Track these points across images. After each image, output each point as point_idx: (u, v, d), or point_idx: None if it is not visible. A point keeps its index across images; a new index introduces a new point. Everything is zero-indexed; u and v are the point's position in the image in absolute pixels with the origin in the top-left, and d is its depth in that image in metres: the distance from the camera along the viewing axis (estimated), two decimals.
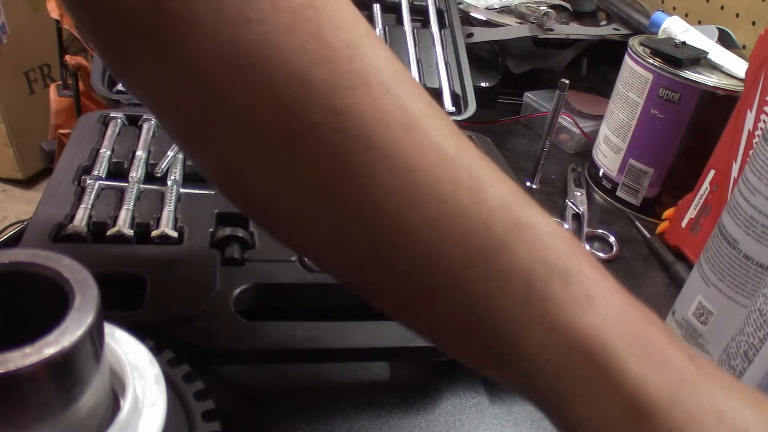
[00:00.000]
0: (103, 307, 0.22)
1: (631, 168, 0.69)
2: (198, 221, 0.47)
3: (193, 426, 0.27)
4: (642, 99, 0.65)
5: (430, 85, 0.74)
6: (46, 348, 0.19)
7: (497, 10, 0.93)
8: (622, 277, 0.59)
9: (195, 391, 0.28)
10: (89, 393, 0.22)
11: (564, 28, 0.90)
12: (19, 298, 0.23)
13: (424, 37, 0.78)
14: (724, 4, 0.95)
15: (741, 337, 0.35)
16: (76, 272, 0.22)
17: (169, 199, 0.49)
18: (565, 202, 0.70)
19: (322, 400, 0.41)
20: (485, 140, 0.68)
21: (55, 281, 0.22)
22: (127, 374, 0.24)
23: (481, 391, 0.44)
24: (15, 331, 0.21)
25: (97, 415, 0.23)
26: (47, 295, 0.22)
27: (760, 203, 0.41)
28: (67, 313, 0.20)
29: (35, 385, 0.19)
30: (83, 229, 0.45)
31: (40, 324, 0.20)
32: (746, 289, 0.43)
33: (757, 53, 0.53)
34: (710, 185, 0.58)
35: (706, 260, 0.46)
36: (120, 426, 0.23)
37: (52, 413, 0.20)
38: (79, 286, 0.21)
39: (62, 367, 0.20)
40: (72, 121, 0.92)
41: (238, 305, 0.41)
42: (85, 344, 0.20)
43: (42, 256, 0.22)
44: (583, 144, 0.82)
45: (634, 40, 0.69)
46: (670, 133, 0.65)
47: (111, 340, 0.25)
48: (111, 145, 0.55)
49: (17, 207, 2.02)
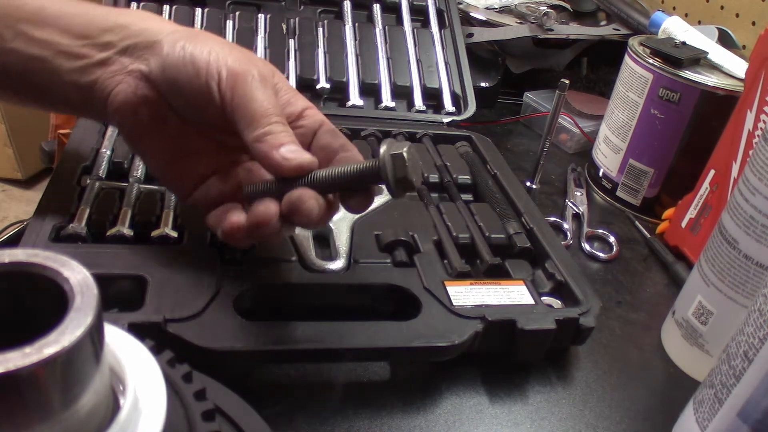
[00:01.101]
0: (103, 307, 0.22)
1: (631, 168, 0.69)
2: (198, 221, 0.47)
3: (193, 426, 0.27)
4: (642, 99, 0.65)
5: (430, 85, 0.75)
6: (46, 348, 0.19)
7: (497, 10, 0.93)
8: (622, 277, 0.60)
9: (194, 391, 0.28)
10: (89, 393, 0.21)
11: (564, 28, 0.90)
12: (19, 298, 0.23)
13: (424, 37, 0.78)
14: (724, 4, 0.95)
15: (741, 337, 0.35)
16: (76, 272, 0.22)
17: (169, 199, 0.49)
18: (565, 202, 0.70)
19: (322, 400, 0.41)
20: (485, 140, 0.69)
21: (55, 281, 0.22)
22: (127, 374, 0.24)
23: (481, 391, 0.44)
24: (15, 331, 0.21)
25: (97, 415, 0.23)
26: (47, 295, 0.22)
27: (760, 203, 0.41)
28: (67, 313, 0.20)
29: (35, 385, 0.19)
30: (83, 229, 0.45)
31: (40, 324, 0.20)
32: (746, 289, 0.43)
33: (757, 53, 0.53)
34: (710, 185, 0.58)
35: (706, 260, 0.46)
36: (120, 426, 0.23)
37: (52, 413, 0.20)
38: (79, 286, 0.21)
39: (62, 367, 0.20)
40: (72, 121, 0.92)
41: (238, 305, 0.41)
42: (85, 344, 0.20)
43: (42, 256, 0.22)
44: (583, 144, 0.82)
45: (634, 40, 0.69)
46: (670, 133, 0.65)
47: (111, 340, 0.25)
48: (111, 145, 0.55)
49: (17, 207, 2.02)
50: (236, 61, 0.39)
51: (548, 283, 0.49)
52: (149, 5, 0.71)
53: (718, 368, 0.37)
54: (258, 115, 0.38)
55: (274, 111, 0.38)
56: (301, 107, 0.42)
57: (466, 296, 0.45)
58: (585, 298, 0.46)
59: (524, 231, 0.54)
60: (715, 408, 0.36)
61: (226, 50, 0.39)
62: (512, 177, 0.61)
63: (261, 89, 0.38)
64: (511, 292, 0.46)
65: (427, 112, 0.73)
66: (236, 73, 0.38)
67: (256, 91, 0.38)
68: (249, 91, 0.38)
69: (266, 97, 0.38)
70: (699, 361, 0.47)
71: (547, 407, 0.44)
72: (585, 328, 0.45)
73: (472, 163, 0.64)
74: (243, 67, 0.38)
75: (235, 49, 0.40)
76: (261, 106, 0.38)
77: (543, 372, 0.47)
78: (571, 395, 0.45)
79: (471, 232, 0.52)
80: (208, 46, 0.39)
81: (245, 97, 0.38)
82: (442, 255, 0.50)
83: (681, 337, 0.49)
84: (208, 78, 0.38)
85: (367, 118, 0.70)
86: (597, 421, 0.43)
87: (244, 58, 0.40)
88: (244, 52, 0.41)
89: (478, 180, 0.61)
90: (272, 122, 0.37)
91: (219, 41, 0.41)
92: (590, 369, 0.48)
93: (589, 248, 0.63)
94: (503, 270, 0.50)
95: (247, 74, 0.38)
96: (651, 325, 0.54)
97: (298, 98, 0.42)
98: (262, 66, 0.40)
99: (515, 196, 0.58)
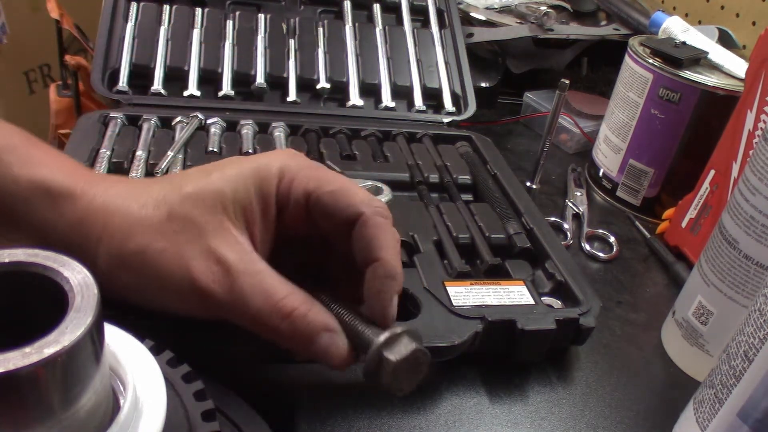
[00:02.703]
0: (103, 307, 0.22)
1: (631, 168, 0.69)
2: None
3: (193, 426, 0.27)
4: (642, 99, 0.65)
5: (430, 85, 0.75)
6: (46, 348, 0.19)
7: (497, 10, 0.93)
8: (622, 277, 0.60)
9: (194, 391, 0.28)
10: (89, 393, 0.22)
11: (564, 28, 0.90)
12: (19, 298, 0.23)
13: (424, 37, 0.78)
14: (724, 4, 0.95)
15: (741, 337, 0.35)
16: (76, 272, 0.22)
17: None
18: (565, 202, 0.70)
19: (322, 400, 0.41)
20: (485, 140, 0.68)
21: (55, 281, 0.22)
22: (127, 374, 0.24)
23: (481, 391, 0.44)
24: (15, 331, 0.21)
25: (97, 415, 0.23)
26: (47, 295, 0.22)
27: (760, 203, 0.41)
28: (67, 313, 0.20)
29: (35, 385, 0.19)
30: None
31: (40, 324, 0.20)
32: (746, 289, 0.43)
33: (757, 53, 0.53)
34: (710, 185, 0.58)
35: (706, 260, 0.46)
36: (120, 426, 0.23)
37: (52, 413, 0.20)
38: (79, 286, 0.21)
39: (62, 367, 0.20)
40: (72, 121, 0.92)
41: None
42: (85, 344, 0.20)
43: (42, 256, 0.22)
44: (583, 144, 0.82)
45: (634, 40, 0.69)
46: (670, 133, 0.65)
47: (111, 340, 0.25)
48: (111, 145, 0.55)
49: None
50: (175, 266, 0.31)
51: (548, 283, 0.49)
52: (149, 5, 0.71)
53: (718, 368, 0.37)
54: (257, 320, 0.32)
55: (264, 300, 0.31)
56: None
57: (466, 296, 0.45)
58: (585, 298, 0.46)
59: (524, 231, 0.54)
60: (716, 408, 0.36)
61: (157, 256, 0.31)
62: (512, 177, 0.61)
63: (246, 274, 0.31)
64: (511, 292, 0.46)
65: (427, 112, 0.73)
66: (198, 292, 0.31)
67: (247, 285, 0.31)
68: (243, 289, 0.31)
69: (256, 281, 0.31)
70: (699, 361, 0.47)
71: (547, 407, 0.44)
72: (585, 328, 0.45)
73: (472, 163, 0.64)
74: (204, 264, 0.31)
75: (162, 236, 0.32)
76: (249, 308, 0.31)
77: (543, 372, 0.47)
78: (571, 395, 0.45)
79: (471, 232, 0.52)
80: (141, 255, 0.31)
81: (240, 296, 0.31)
82: (442, 255, 0.50)
83: (681, 337, 0.49)
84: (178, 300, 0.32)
85: (367, 118, 0.70)
86: (597, 421, 0.43)
87: (173, 248, 0.31)
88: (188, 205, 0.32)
89: (478, 180, 0.61)
90: (274, 319, 0.31)
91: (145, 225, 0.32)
92: (590, 369, 0.48)
93: (589, 248, 0.63)
94: (503, 270, 0.50)
95: (205, 285, 0.31)
96: (651, 325, 0.54)
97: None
98: (202, 221, 0.32)
99: (515, 196, 0.58)
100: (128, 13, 0.70)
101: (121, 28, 0.68)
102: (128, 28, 0.69)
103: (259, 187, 0.34)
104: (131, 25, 0.69)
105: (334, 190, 0.34)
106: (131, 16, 0.70)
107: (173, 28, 0.70)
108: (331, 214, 0.34)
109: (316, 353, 0.32)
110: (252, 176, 0.34)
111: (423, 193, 0.58)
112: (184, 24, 0.71)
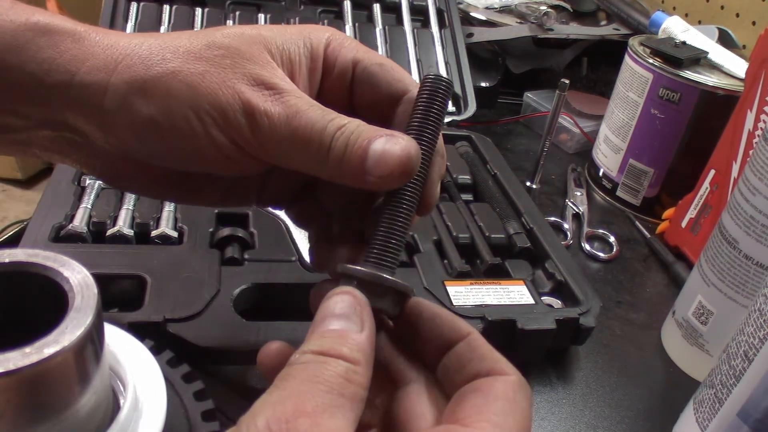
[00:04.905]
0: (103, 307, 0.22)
1: (631, 168, 0.69)
2: (198, 221, 0.47)
3: (193, 426, 0.27)
4: (642, 99, 0.65)
5: None
6: (46, 348, 0.19)
7: (497, 10, 0.93)
8: (622, 277, 0.60)
9: (194, 391, 0.28)
10: (89, 393, 0.22)
11: (564, 28, 0.90)
12: (19, 298, 0.23)
13: (424, 37, 0.78)
14: (724, 4, 0.95)
15: (741, 337, 0.35)
16: (76, 272, 0.22)
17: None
18: (565, 202, 0.70)
19: None
20: (485, 140, 0.68)
21: (55, 281, 0.22)
22: (127, 374, 0.24)
23: None
24: (15, 331, 0.21)
25: (97, 415, 0.23)
26: (47, 295, 0.22)
27: (760, 203, 0.41)
28: (67, 313, 0.20)
29: (35, 385, 0.19)
30: (83, 229, 0.45)
31: (40, 324, 0.20)
32: (746, 289, 0.43)
33: (757, 53, 0.53)
34: (710, 185, 0.58)
35: (706, 260, 0.46)
36: (120, 426, 0.23)
37: (52, 413, 0.20)
38: (79, 286, 0.21)
39: (62, 367, 0.20)
40: None
41: (238, 305, 0.41)
42: (85, 344, 0.20)
43: (42, 256, 0.22)
44: (583, 144, 0.82)
45: (634, 40, 0.69)
46: (670, 133, 0.65)
47: (111, 340, 0.25)
48: None
49: (17, 207, 2.02)
50: (218, 87, 0.28)
51: (548, 283, 0.49)
52: (149, 5, 0.71)
53: (718, 368, 0.37)
54: (311, 135, 0.29)
55: (321, 115, 0.29)
56: (321, 49, 0.33)
57: (466, 296, 0.45)
58: (585, 298, 0.46)
59: (524, 231, 0.54)
60: (715, 408, 0.36)
61: (194, 77, 0.28)
62: (512, 177, 0.61)
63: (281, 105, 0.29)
64: (511, 292, 0.46)
65: None
66: (249, 113, 0.28)
67: (278, 114, 0.28)
68: (274, 127, 0.29)
69: (300, 105, 0.29)
70: (699, 361, 0.47)
71: (547, 407, 0.44)
72: (585, 328, 0.45)
73: (472, 163, 0.64)
74: (240, 96, 0.28)
75: (201, 60, 0.29)
76: (305, 122, 0.29)
77: (543, 372, 0.47)
78: (571, 395, 0.45)
79: (471, 232, 0.52)
80: (168, 89, 0.28)
81: (277, 131, 0.29)
82: (442, 255, 0.50)
83: (681, 337, 0.49)
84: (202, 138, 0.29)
85: None
86: (597, 421, 0.43)
87: (216, 70, 0.29)
88: (206, 50, 0.29)
89: (478, 180, 0.61)
90: (329, 130, 0.29)
91: (177, 54, 0.29)
92: (590, 369, 0.48)
93: (589, 248, 0.63)
94: (503, 270, 0.50)
95: (257, 104, 0.28)
96: (651, 325, 0.54)
97: (308, 40, 0.32)
98: (246, 51, 0.30)
99: (515, 196, 0.58)
100: (128, 13, 0.70)
101: (121, 28, 0.68)
102: (128, 28, 0.69)
103: (309, 46, 0.32)
104: (131, 25, 0.69)
105: (383, 63, 0.33)
106: (131, 16, 0.70)
107: (173, 28, 0.70)
108: (377, 85, 0.33)
109: (370, 169, 0.28)
110: (301, 36, 0.32)
111: None
112: (184, 24, 0.71)
